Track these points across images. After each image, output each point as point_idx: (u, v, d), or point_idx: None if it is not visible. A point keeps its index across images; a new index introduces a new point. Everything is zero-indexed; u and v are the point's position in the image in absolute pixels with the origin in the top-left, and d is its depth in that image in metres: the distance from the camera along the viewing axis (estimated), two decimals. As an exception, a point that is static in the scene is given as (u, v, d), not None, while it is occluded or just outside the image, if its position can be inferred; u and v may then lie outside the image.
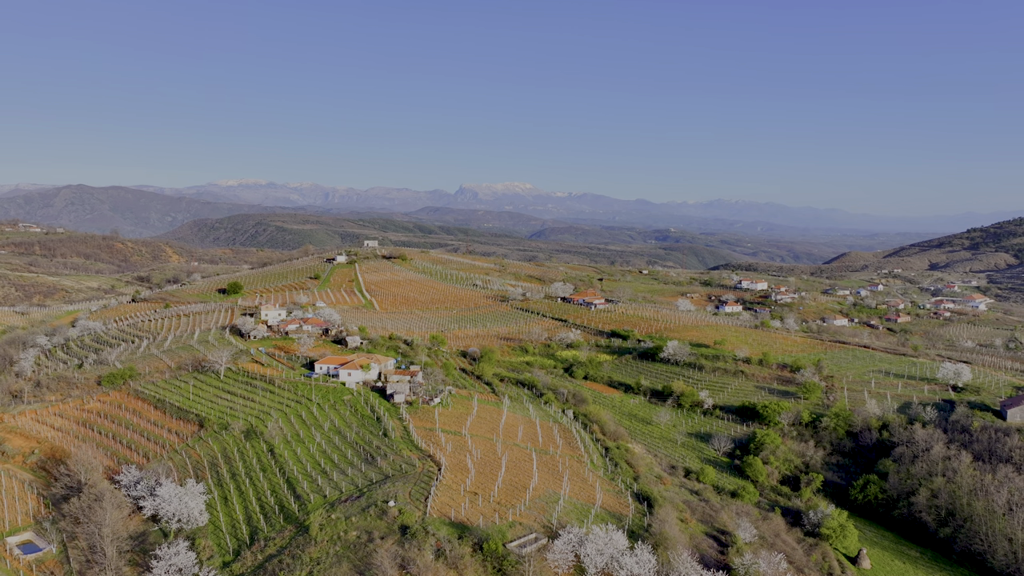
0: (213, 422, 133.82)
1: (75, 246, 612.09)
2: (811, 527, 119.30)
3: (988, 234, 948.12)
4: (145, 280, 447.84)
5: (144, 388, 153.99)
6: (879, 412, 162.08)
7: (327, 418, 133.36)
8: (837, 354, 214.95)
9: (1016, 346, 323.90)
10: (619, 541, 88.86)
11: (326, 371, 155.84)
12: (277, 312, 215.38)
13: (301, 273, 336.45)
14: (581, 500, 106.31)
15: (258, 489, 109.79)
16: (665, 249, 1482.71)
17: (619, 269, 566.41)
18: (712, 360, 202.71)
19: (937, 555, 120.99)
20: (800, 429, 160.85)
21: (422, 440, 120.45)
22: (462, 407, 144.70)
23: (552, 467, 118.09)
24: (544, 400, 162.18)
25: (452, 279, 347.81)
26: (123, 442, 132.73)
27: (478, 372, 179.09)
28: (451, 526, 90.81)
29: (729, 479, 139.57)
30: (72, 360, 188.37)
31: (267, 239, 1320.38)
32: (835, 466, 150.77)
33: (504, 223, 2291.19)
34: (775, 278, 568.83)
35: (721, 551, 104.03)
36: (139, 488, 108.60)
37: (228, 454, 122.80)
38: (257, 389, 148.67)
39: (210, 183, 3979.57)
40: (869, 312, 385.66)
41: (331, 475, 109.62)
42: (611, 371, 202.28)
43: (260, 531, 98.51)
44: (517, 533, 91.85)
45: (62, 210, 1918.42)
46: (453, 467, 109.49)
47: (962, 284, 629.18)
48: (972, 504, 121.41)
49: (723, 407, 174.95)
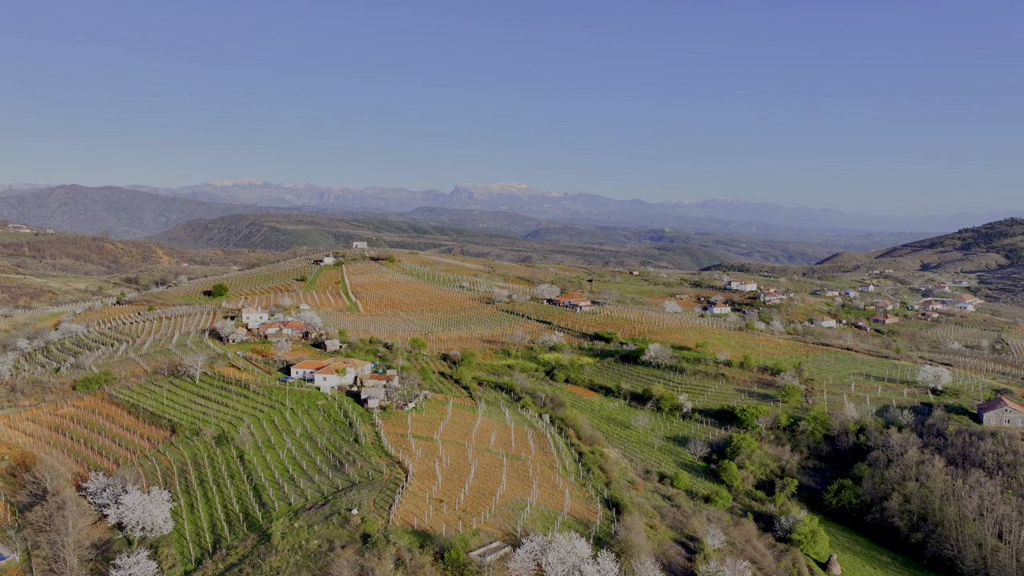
0: (185, 428, 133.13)
1: (65, 247, 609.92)
2: (783, 533, 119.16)
3: (980, 234, 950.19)
4: (133, 282, 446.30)
5: (119, 393, 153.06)
6: (857, 416, 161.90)
7: (299, 423, 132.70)
8: (819, 356, 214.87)
9: (1002, 347, 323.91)
10: (582, 549, 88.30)
11: (302, 375, 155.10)
12: (258, 315, 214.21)
13: (288, 275, 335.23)
14: (549, 507, 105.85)
15: (225, 496, 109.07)
16: (660, 249, 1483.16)
17: (610, 270, 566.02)
18: (693, 363, 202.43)
19: (908, 560, 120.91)
20: (778, 433, 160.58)
21: (392, 446, 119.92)
22: (436, 412, 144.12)
23: (522, 473, 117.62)
24: (521, 404, 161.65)
25: (439, 281, 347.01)
26: (94, 448, 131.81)
27: (457, 376, 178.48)
28: (413, 534, 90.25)
29: (704, 484, 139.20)
30: (51, 364, 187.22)
31: (261, 240, 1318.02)
32: (812, 470, 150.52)
33: (499, 223, 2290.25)
34: (766, 279, 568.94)
35: (689, 558, 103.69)
36: (104, 495, 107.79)
37: (198, 460, 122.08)
38: (231, 394, 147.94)
39: (205, 183, 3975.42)
40: (857, 313, 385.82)
41: (298, 482, 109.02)
42: (592, 374, 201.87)
43: (223, 539, 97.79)
44: (480, 541, 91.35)
45: (56, 210, 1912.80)
46: (421, 474, 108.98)
47: (953, 285, 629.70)
48: (943, 509, 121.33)
49: (702, 410, 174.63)
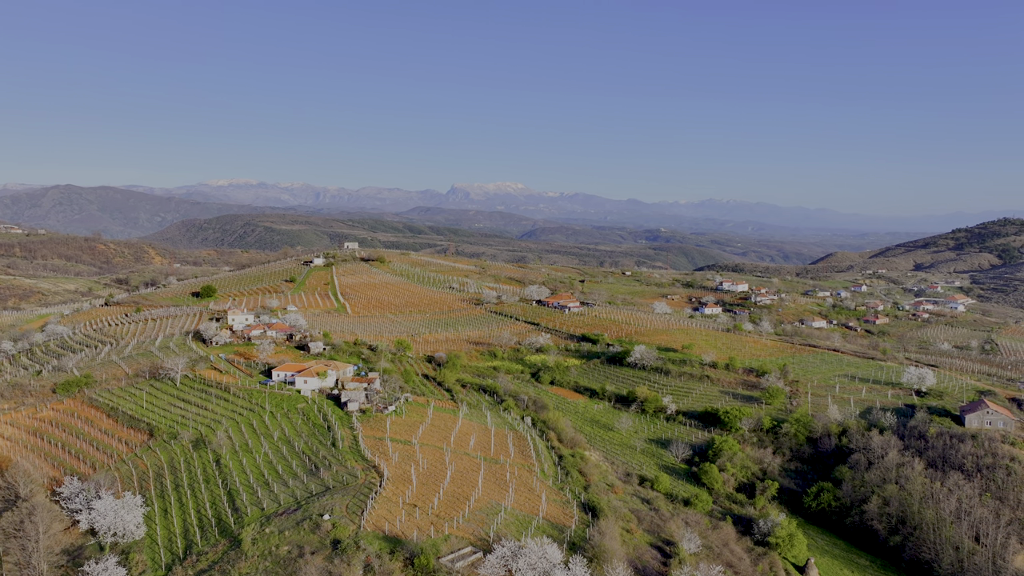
0: (163, 431, 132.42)
1: (56, 248, 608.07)
2: (761, 536, 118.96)
3: (973, 234, 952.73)
4: (123, 282, 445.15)
5: (99, 396, 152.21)
6: (840, 418, 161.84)
7: (278, 427, 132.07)
8: (805, 358, 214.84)
9: (991, 348, 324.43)
10: (553, 555, 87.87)
11: (283, 378, 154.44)
12: (244, 317, 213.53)
13: (277, 276, 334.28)
14: (525, 511, 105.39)
15: (199, 501, 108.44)
16: (655, 249, 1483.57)
17: (602, 271, 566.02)
18: (679, 365, 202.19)
19: (887, 563, 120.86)
20: (760, 435, 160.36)
21: (369, 450, 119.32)
22: (416, 415, 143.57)
23: (500, 477, 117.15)
24: (504, 407, 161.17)
25: (429, 282, 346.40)
26: (71, 452, 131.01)
27: (440, 378, 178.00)
28: (384, 540, 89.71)
29: (684, 487, 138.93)
30: (34, 366, 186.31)
31: (255, 240, 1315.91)
32: (793, 472, 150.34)
33: (495, 223, 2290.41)
34: (759, 279, 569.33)
35: (664, 562, 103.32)
36: (77, 501, 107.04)
37: (175, 464, 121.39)
38: (211, 397, 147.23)
39: (200, 183, 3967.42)
40: (848, 314, 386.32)
41: (272, 487, 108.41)
42: (578, 376, 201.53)
43: (195, 545, 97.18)
44: (451, 547, 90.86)
45: (50, 210, 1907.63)
46: (396, 478, 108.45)
47: (945, 285, 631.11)
48: (922, 512, 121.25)
49: (686, 412, 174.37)
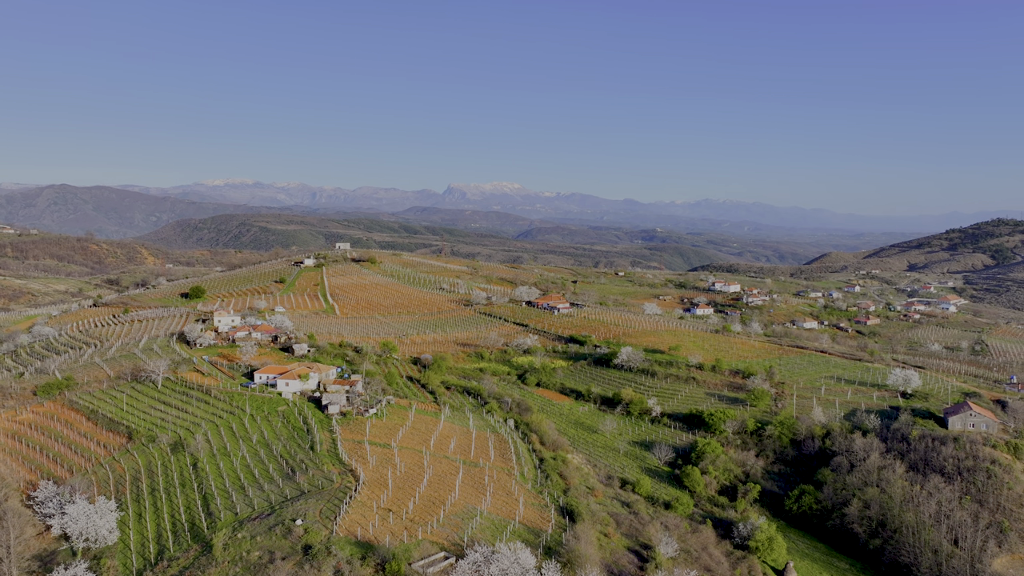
0: (142, 434, 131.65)
1: (48, 248, 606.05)
2: (740, 540, 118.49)
3: (967, 235, 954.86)
4: (114, 283, 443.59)
5: (80, 399, 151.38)
6: (824, 420, 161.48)
7: (257, 430, 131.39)
8: (792, 359, 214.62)
9: (982, 349, 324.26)
10: (526, 560, 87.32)
11: (265, 380, 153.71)
12: (230, 318, 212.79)
13: (267, 277, 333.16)
14: (501, 515, 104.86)
15: (174, 505, 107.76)
16: (651, 249, 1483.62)
17: (595, 271, 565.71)
18: (665, 366, 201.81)
19: (867, 567, 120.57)
20: (744, 437, 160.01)
21: (347, 453, 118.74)
22: (398, 418, 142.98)
23: (478, 481, 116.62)
24: (487, 409, 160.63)
25: (420, 283, 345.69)
26: (49, 455, 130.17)
27: (424, 380, 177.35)
28: (356, 545, 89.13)
29: (666, 489, 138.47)
30: (17, 368, 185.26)
31: (251, 240, 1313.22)
32: (776, 475, 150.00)
33: (492, 223, 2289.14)
34: (752, 279, 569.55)
35: (641, 566, 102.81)
36: (51, 505, 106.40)
37: (152, 468, 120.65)
38: (192, 400, 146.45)
39: (196, 183, 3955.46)
40: (839, 314, 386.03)
41: (248, 491, 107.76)
42: (564, 378, 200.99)
43: (167, 550, 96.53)
44: (424, 552, 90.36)
45: (45, 210, 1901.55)
46: (372, 482, 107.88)
47: (938, 285, 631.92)
48: (902, 515, 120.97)
49: (671, 415, 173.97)
